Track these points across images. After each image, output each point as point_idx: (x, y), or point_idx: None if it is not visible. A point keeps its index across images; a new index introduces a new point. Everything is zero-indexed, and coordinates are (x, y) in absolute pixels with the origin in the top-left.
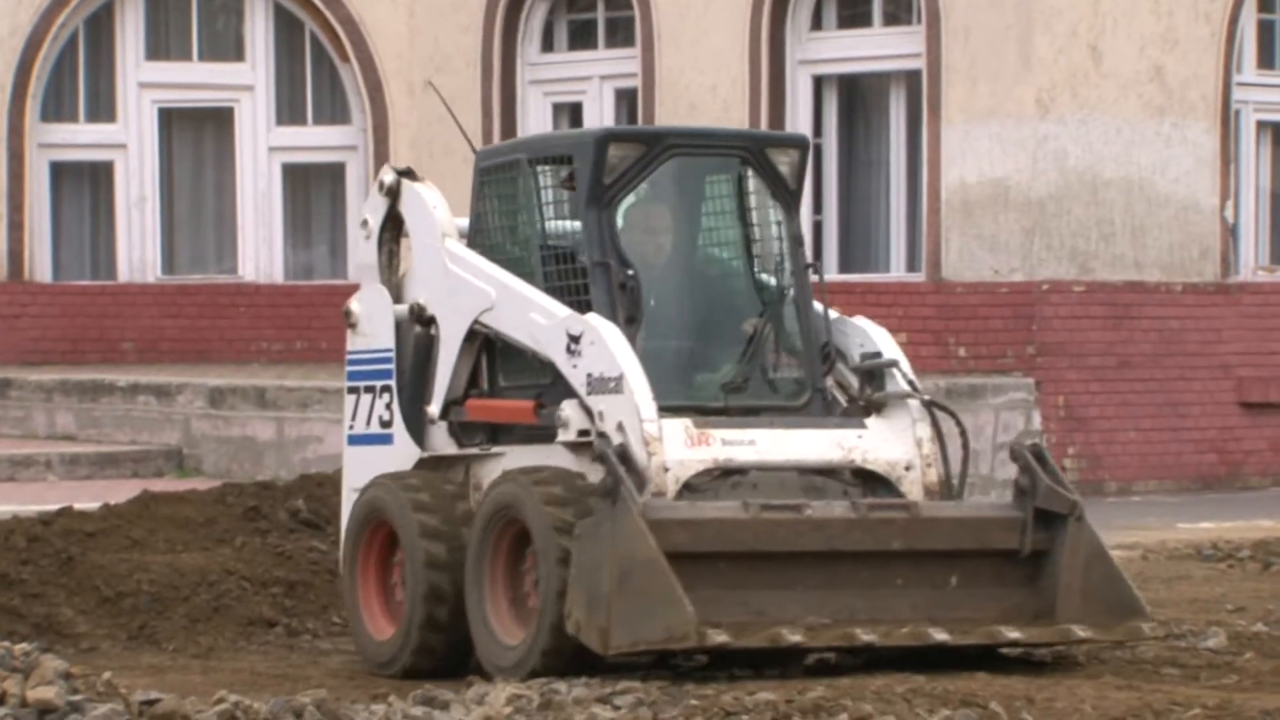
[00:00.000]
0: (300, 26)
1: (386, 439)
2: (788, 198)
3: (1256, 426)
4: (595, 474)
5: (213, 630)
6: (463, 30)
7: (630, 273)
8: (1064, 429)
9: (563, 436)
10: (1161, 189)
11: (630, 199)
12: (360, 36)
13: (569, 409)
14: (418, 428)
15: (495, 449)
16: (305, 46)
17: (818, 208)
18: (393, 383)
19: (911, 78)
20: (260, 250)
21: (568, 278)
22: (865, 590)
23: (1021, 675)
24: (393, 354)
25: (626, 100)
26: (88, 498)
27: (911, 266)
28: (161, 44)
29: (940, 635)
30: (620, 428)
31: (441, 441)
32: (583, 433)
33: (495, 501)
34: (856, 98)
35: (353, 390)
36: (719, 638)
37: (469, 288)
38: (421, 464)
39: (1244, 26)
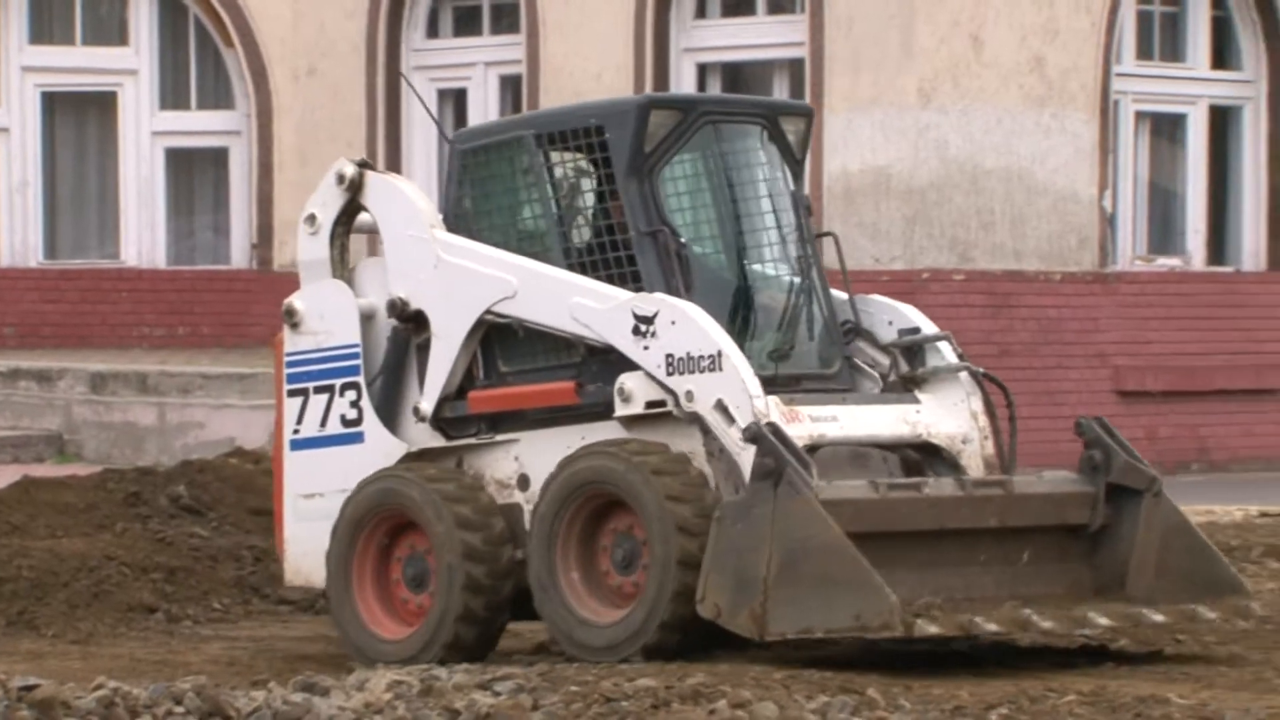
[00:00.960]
0: (184, 11)
1: (353, 438)
2: (796, 166)
3: (1132, 415)
4: (676, 446)
5: (92, 616)
6: (348, 16)
7: (682, 241)
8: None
9: (624, 410)
10: (1041, 179)
11: (677, 165)
12: (244, 21)
13: (632, 381)
14: (396, 424)
15: (502, 437)
16: (189, 31)
17: None
18: (360, 379)
19: (795, 66)
20: (143, 235)
21: (597, 252)
22: (959, 568)
23: (901, 663)
24: (359, 350)
25: (511, 87)
26: None
27: (842, 251)
28: (45, 28)
29: (1042, 621)
30: (720, 405)
31: (424, 436)
32: (650, 404)
33: (583, 474)
34: (740, 86)
35: (297, 392)
36: (930, 628)
37: (478, 277)
38: (411, 459)
39: (1124, 18)
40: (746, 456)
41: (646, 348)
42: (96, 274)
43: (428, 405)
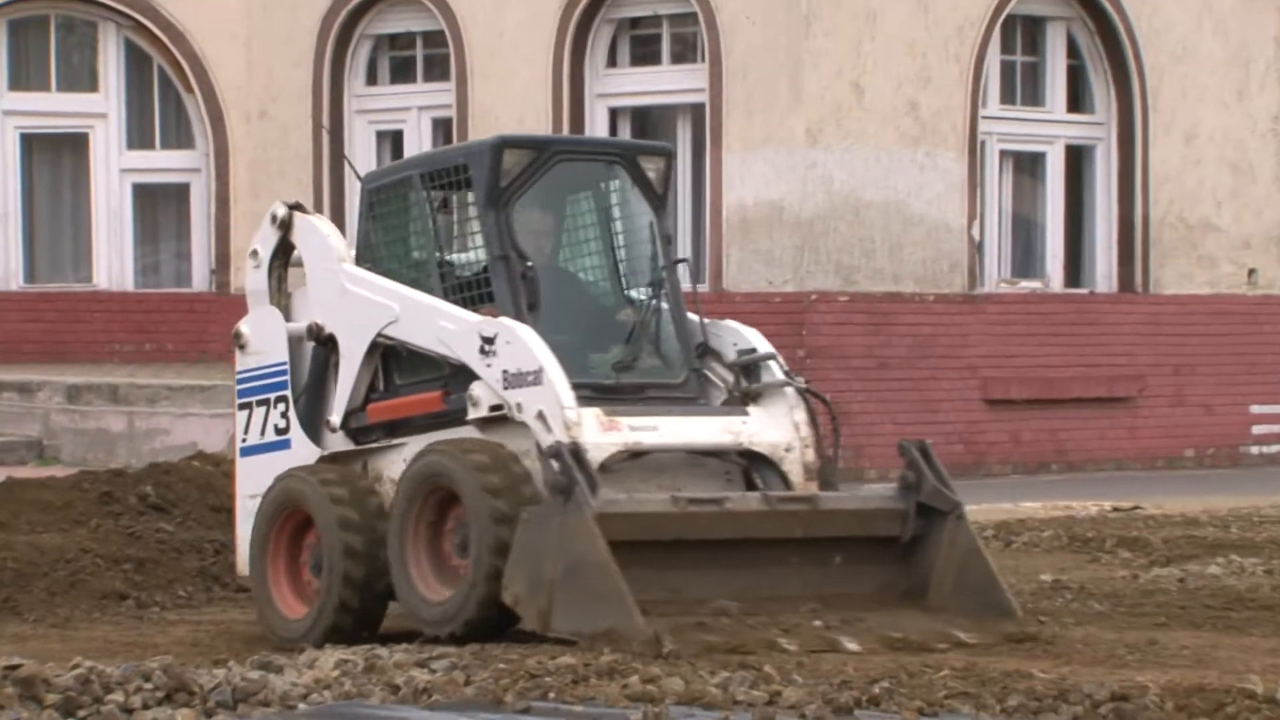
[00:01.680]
0: (149, 60)
1: (283, 445)
2: (656, 201)
3: (998, 421)
4: (511, 444)
5: (70, 603)
6: (295, 65)
7: (529, 264)
8: (830, 423)
9: (474, 414)
10: (916, 210)
11: (523, 201)
12: (203, 70)
13: (479, 389)
14: (315, 432)
15: (395, 441)
16: (153, 79)
17: None
18: (288, 393)
19: (696, 110)
20: (113, 261)
21: (468, 278)
22: (766, 569)
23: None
24: (287, 367)
25: (442, 129)
26: None
27: (696, 278)
28: (23, 75)
29: (851, 645)
30: (541, 416)
31: (338, 442)
32: (493, 408)
33: (421, 470)
34: (648, 128)
35: (244, 406)
36: (668, 646)
37: (371, 305)
38: (323, 462)
39: (989, 66)
40: (550, 467)
41: (489, 364)
42: (72, 296)
43: (336, 418)
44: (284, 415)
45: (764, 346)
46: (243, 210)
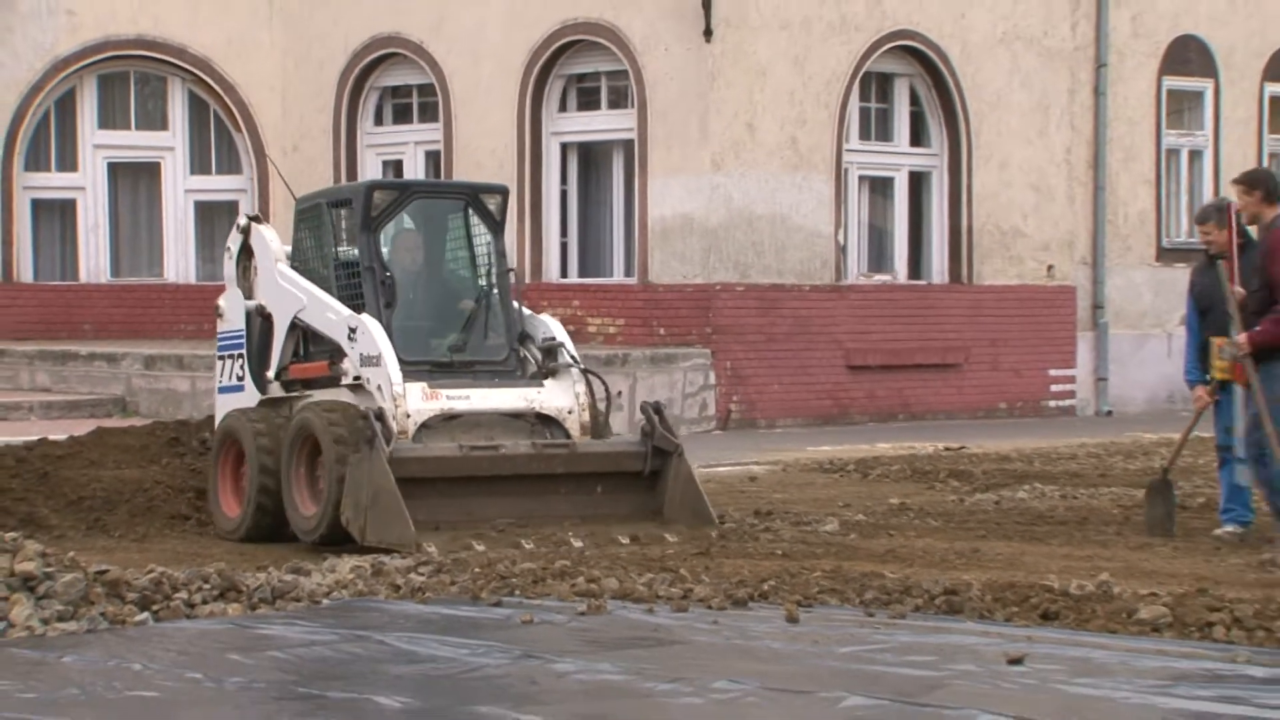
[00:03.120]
0: (207, 106)
1: (240, 388)
2: (495, 227)
3: (858, 382)
4: (365, 403)
5: (145, 523)
6: (320, 110)
7: (388, 274)
8: (730, 384)
9: (344, 382)
10: (796, 221)
11: (390, 227)
12: (248, 114)
13: (346, 364)
14: (260, 382)
15: (308, 393)
16: (210, 121)
17: (564, 232)
18: (244, 352)
19: (628, 145)
20: (179, 260)
21: (351, 288)
22: (540, 497)
23: (699, 552)
24: (244, 334)
25: (433, 159)
26: (58, 431)
27: (628, 273)
28: (109, 117)
29: (577, 543)
30: (379, 388)
31: (275, 390)
32: (355, 379)
33: (297, 423)
34: (590, 159)
35: (221, 358)
36: (430, 548)
37: (291, 295)
38: (262, 404)
39: (851, 111)
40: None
41: (353, 347)
42: (146, 288)
43: (270, 373)
44: (241, 367)
45: (561, 336)
46: (278, 222)
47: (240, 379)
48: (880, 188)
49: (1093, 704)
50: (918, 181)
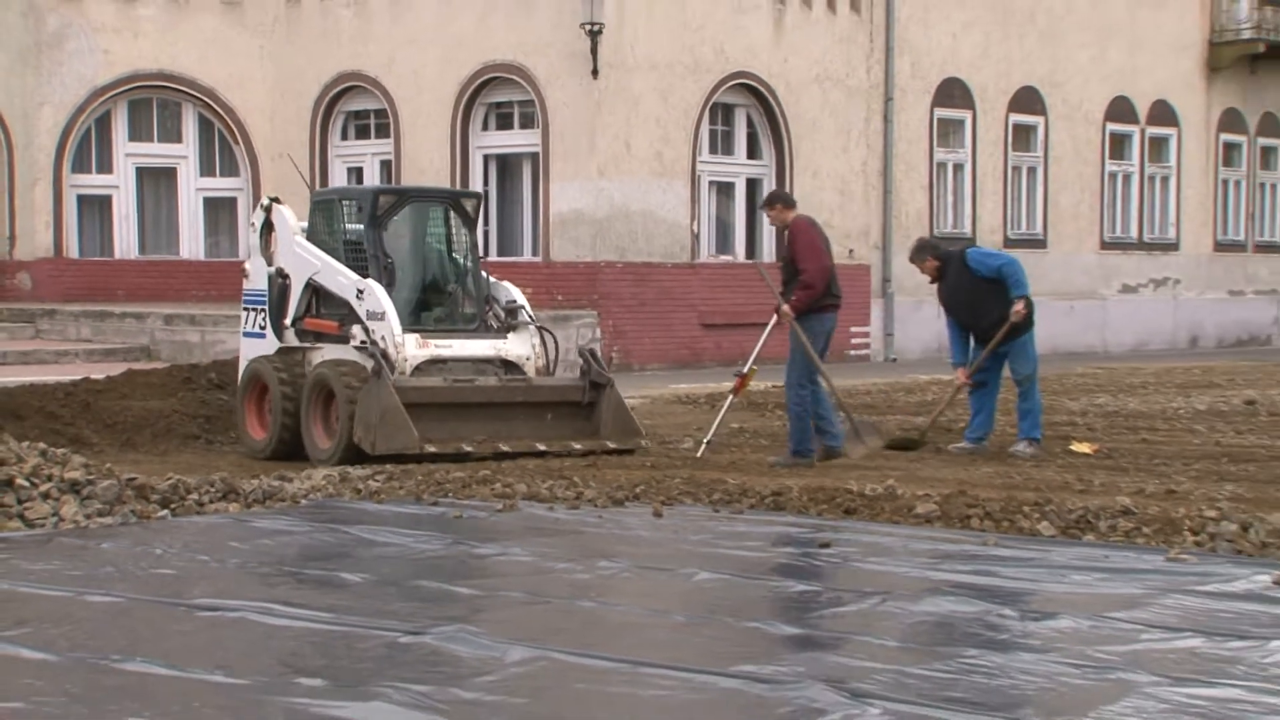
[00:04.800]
0: (212, 125)
1: (262, 335)
2: (470, 223)
3: (709, 336)
4: (368, 363)
5: (165, 441)
6: (299, 129)
7: (389, 259)
8: (612, 338)
9: (352, 343)
10: (661, 216)
11: (392, 221)
12: (245, 131)
13: (355, 329)
14: (279, 331)
15: (319, 345)
16: (215, 136)
17: (487, 222)
18: (265, 306)
19: (534, 157)
20: (191, 242)
21: (355, 259)
22: (505, 422)
23: (588, 465)
24: (266, 292)
25: (386, 168)
26: (97, 372)
27: (535, 254)
28: (136, 132)
29: (540, 446)
30: (383, 339)
31: (291, 338)
32: (361, 342)
33: (315, 377)
34: (506, 167)
35: (246, 309)
36: (430, 449)
37: (307, 261)
38: (280, 351)
39: (702, 132)
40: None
41: (360, 305)
42: (167, 263)
43: (288, 323)
44: (264, 318)
45: (521, 300)
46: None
47: (262, 328)
48: (725, 190)
49: (882, 576)
50: (752, 186)
